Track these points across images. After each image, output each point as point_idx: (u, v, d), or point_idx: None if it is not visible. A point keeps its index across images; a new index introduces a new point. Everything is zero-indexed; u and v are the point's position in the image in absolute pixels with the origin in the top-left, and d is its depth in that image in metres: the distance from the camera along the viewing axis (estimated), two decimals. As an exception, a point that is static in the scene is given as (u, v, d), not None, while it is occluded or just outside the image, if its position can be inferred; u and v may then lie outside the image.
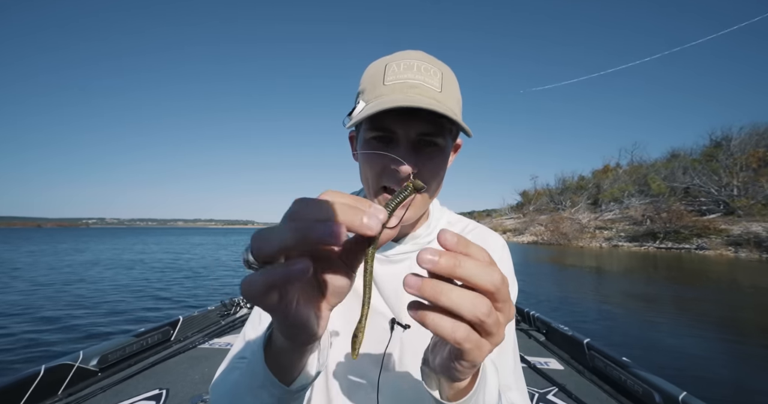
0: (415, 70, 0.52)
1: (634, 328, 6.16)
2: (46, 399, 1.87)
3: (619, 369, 2.15)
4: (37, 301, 7.50)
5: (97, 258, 18.44)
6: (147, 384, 2.13)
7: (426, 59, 0.55)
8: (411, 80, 0.52)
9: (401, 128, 0.52)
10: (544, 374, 2.36)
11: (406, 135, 0.52)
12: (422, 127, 0.52)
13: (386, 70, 0.53)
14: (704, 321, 6.45)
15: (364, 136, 0.55)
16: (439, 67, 0.55)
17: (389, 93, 0.51)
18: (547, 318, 3.19)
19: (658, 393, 1.84)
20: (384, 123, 0.52)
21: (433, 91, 0.52)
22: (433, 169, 0.55)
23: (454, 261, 0.26)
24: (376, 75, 0.54)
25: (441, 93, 0.52)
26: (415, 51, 0.56)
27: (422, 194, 0.59)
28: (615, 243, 32.01)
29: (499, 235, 0.73)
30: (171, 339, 2.80)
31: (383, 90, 0.52)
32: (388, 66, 0.53)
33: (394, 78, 0.52)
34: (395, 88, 0.51)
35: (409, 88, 0.51)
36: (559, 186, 58.35)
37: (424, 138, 0.53)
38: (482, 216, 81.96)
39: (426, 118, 0.51)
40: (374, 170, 0.54)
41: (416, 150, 0.53)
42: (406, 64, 0.53)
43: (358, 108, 0.53)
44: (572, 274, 13.96)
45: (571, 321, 6.19)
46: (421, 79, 0.52)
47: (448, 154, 0.58)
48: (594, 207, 46.01)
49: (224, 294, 6.81)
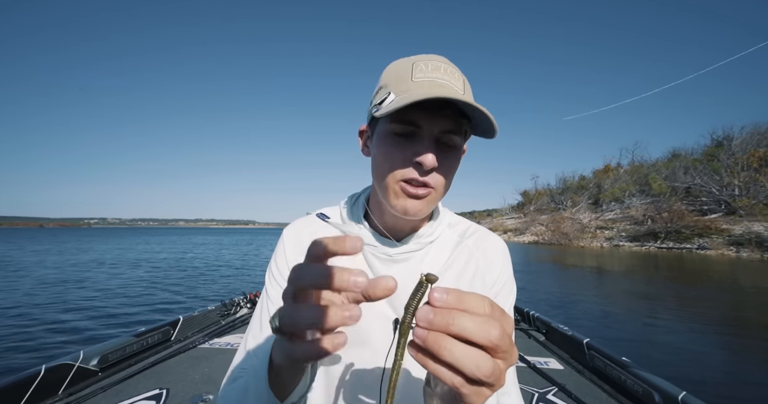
0: (442, 71, 0.54)
1: (635, 328, 6.15)
2: (47, 398, 1.87)
3: (619, 369, 2.15)
4: (42, 301, 7.50)
5: (102, 258, 18.54)
6: (147, 384, 2.13)
7: (450, 64, 0.57)
8: (439, 79, 0.53)
9: (427, 122, 0.53)
10: (544, 374, 2.36)
11: (429, 130, 0.53)
12: (446, 124, 0.54)
13: (414, 68, 0.54)
14: (705, 321, 6.44)
15: (384, 129, 0.56)
16: (461, 73, 0.57)
17: (418, 88, 0.52)
18: (547, 318, 3.19)
19: (658, 392, 1.84)
20: (410, 116, 0.53)
21: (458, 93, 0.53)
22: (449, 167, 0.57)
23: (448, 319, 0.26)
24: (403, 72, 0.55)
25: (464, 95, 0.54)
26: (438, 55, 0.58)
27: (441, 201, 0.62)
28: (616, 243, 31.95)
29: (500, 238, 0.74)
30: (171, 339, 2.80)
31: (412, 85, 0.53)
32: (416, 64, 0.55)
33: (423, 76, 0.53)
34: (424, 85, 0.52)
35: (437, 86, 0.53)
36: (560, 186, 58.26)
37: (444, 136, 0.55)
38: (483, 215, 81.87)
39: (450, 116, 0.53)
40: (394, 162, 0.55)
41: (437, 147, 0.55)
42: (433, 65, 0.55)
43: (389, 99, 0.54)
44: (573, 274, 13.94)
45: (572, 320, 6.21)
46: (447, 79, 0.54)
47: (460, 155, 0.60)
48: (595, 207, 45.93)
49: (224, 294, 6.80)
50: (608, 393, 2.12)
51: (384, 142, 0.56)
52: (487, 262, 0.68)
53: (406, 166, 0.54)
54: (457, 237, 0.71)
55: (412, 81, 0.53)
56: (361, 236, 0.29)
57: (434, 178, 0.55)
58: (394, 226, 0.64)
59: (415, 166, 0.54)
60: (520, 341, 3.02)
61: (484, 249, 0.70)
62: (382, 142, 0.57)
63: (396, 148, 0.55)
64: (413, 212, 0.57)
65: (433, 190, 0.56)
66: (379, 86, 0.58)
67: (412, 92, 0.52)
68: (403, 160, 0.54)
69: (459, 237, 0.71)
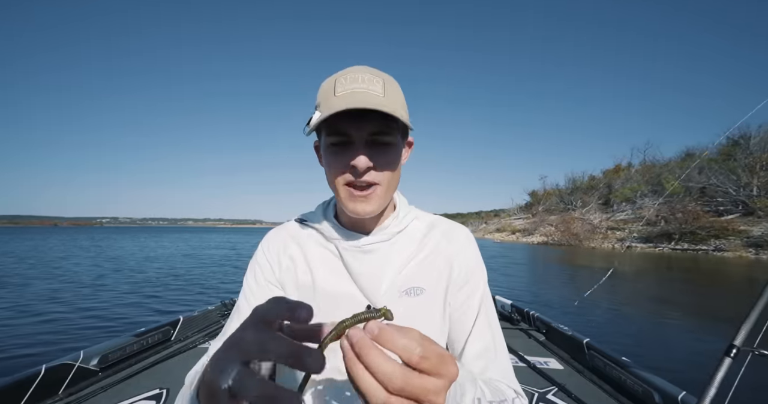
0: (359, 81, 0.60)
1: (647, 329, 6.00)
2: (47, 398, 1.89)
3: (619, 369, 2.12)
4: (45, 299, 7.58)
5: (124, 254, 19.80)
6: (147, 384, 2.14)
7: (369, 71, 0.62)
8: (357, 89, 0.59)
9: (355, 130, 0.60)
10: (544, 374, 2.33)
11: (359, 135, 0.60)
12: (372, 127, 0.60)
13: (335, 84, 0.61)
14: (719, 321, 6.25)
15: (324, 142, 0.64)
16: (381, 77, 0.62)
17: (339, 102, 0.58)
18: (547, 318, 3.15)
19: (658, 393, 1.80)
20: (339, 127, 0.60)
21: (377, 97, 0.59)
22: (387, 163, 0.63)
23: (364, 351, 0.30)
24: (327, 89, 0.62)
25: (384, 97, 0.60)
26: (360, 66, 0.64)
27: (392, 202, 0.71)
28: (628, 244, 31.29)
29: (464, 227, 0.79)
30: (171, 339, 2.83)
31: (334, 100, 0.59)
32: (337, 80, 0.61)
33: (343, 89, 0.59)
34: (344, 97, 0.58)
35: (355, 95, 0.58)
36: (569, 186, 57.49)
37: (376, 137, 0.61)
38: (490, 216, 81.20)
39: (375, 119, 0.59)
40: (337, 169, 0.62)
41: (370, 148, 0.61)
42: (351, 77, 0.61)
43: (315, 117, 0.60)
44: (585, 274, 13.68)
45: (582, 322, 6.08)
46: (365, 87, 0.60)
47: (400, 150, 0.66)
48: (605, 208, 45.17)
49: (225, 294, 6.86)
50: (608, 393, 2.09)
51: (326, 153, 0.64)
52: (454, 250, 0.73)
53: (345, 172, 0.61)
54: (425, 228, 0.76)
55: (335, 96, 0.59)
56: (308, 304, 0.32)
57: (373, 175, 0.62)
58: (359, 222, 0.70)
59: (351, 169, 0.61)
60: (520, 341, 2.99)
61: (450, 238, 0.74)
62: (325, 154, 0.65)
63: (334, 157, 0.62)
64: (363, 212, 0.64)
65: (378, 185, 0.63)
66: (315, 106, 0.65)
67: (332, 107, 0.57)
68: (342, 166, 0.61)
69: (426, 228, 0.76)
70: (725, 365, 1.09)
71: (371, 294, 0.66)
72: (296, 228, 0.76)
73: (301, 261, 0.71)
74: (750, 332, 1.11)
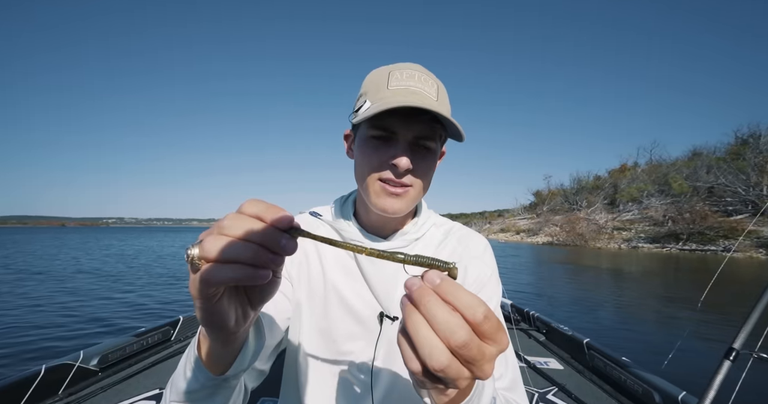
0: (416, 79, 0.59)
1: (654, 330, 5.93)
2: (47, 398, 1.90)
3: (619, 369, 2.10)
4: (48, 298, 7.60)
5: (136, 252, 20.78)
6: (147, 384, 2.15)
7: (424, 72, 0.61)
8: (412, 87, 0.58)
9: (402, 128, 0.58)
10: (544, 374, 2.32)
11: (405, 135, 0.58)
12: (420, 129, 0.58)
13: (390, 77, 0.59)
14: (727, 323, 6.16)
15: (364, 133, 0.61)
16: (436, 81, 0.61)
17: (393, 96, 0.56)
18: (547, 318, 3.14)
19: (658, 392, 1.78)
20: (386, 122, 0.57)
21: (431, 100, 0.58)
22: (425, 169, 0.62)
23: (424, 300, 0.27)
24: (380, 80, 0.60)
25: (437, 102, 0.59)
26: (414, 64, 0.63)
27: (422, 198, 0.69)
28: (634, 245, 31.05)
29: (482, 236, 0.77)
30: (171, 339, 2.84)
31: (387, 93, 0.57)
32: (392, 73, 0.59)
33: (397, 84, 0.58)
34: (398, 93, 0.57)
35: (410, 93, 0.57)
36: (574, 186, 57.08)
37: (419, 140, 0.59)
38: (494, 216, 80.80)
39: (424, 122, 0.57)
40: (372, 164, 0.60)
41: (413, 150, 0.59)
42: (408, 74, 0.59)
43: (365, 106, 0.58)
44: (591, 276, 13.56)
45: (585, 322, 6.02)
46: (421, 87, 0.58)
47: (437, 158, 0.65)
48: (611, 208, 44.78)
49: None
50: (608, 393, 2.07)
51: (364, 145, 0.61)
52: (470, 259, 0.71)
53: (384, 168, 0.59)
54: (442, 236, 0.74)
55: (388, 89, 0.58)
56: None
57: (410, 179, 0.60)
58: (379, 224, 0.68)
59: (391, 167, 0.59)
60: (520, 341, 2.98)
61: (467, 246, 0.73)
62: (363, 146, 0.62)
63: (374, 151, 0.60)
64: (392, 210, 0.61)
65: (411, 187, 0.61)
66: (360, 94, 0.63)
67: (386, 100, 0.56)
68: (380, 162, 0.59)
69: (443, 236, 0.74)
70: (725, 368, 1.07)
71: (385, 299, 0.65)
72: (310, 222, 0.73)
73: (315, 257, 0.69)
74: (750, 335, 1.10)
